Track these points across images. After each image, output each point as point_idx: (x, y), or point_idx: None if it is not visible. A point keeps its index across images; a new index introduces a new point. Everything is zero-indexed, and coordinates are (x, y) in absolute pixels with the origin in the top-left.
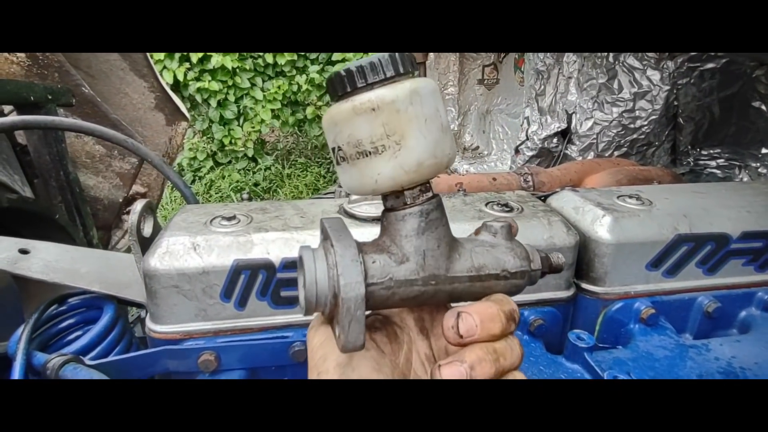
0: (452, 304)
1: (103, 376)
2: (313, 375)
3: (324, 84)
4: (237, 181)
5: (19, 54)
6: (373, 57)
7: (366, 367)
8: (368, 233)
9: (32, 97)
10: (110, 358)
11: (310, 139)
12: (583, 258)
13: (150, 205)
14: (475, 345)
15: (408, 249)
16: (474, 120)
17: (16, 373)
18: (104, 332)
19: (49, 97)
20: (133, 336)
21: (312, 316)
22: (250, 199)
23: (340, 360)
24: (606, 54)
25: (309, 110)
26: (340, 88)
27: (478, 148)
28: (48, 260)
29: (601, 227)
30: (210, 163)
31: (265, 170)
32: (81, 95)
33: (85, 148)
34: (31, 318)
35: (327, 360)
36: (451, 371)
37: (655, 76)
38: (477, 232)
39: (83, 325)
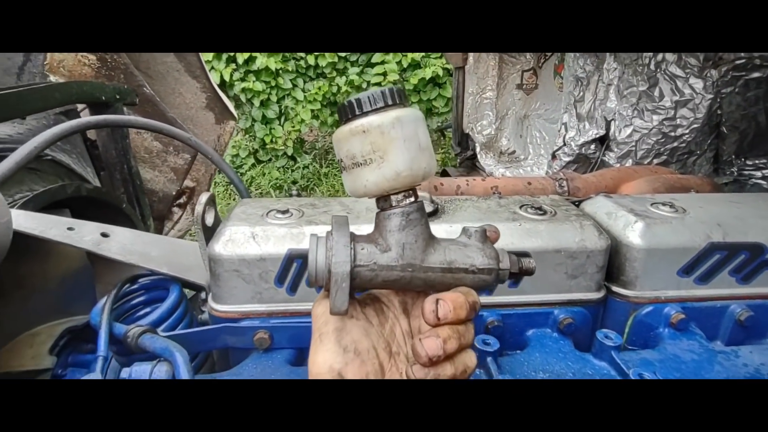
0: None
1: (178, 345)
2: (315, 336)
3: (362, 86)
4: (276, 179)
5: (90, 57)
6: (369, 91)
7: (357, 333)
8: None
9: (103, 97)
10: (179, 331)
11: None
12: (614, 262)
13: (213, 198)
14: (446, 325)
15: (391, 241)
16: (511, 124)
17: (102, 341)
18: (172, 309)
19: (117, 97)
20: (194, 316)
21: (315, 289)
22: (299, 195)
23: (337, 325)
24: (647, 62)
25: None
26: (343, 115)
27: (514, 152)
28: (124, 243)
29: (632, 232)
30: (251, 160)
31: (303, 168)
32: (142, 95)
33: (144, 144)
34: (111, 293)
35: (327, 324)
36: (429, 342)
37: (698, 84)
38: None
39: (151, 303)
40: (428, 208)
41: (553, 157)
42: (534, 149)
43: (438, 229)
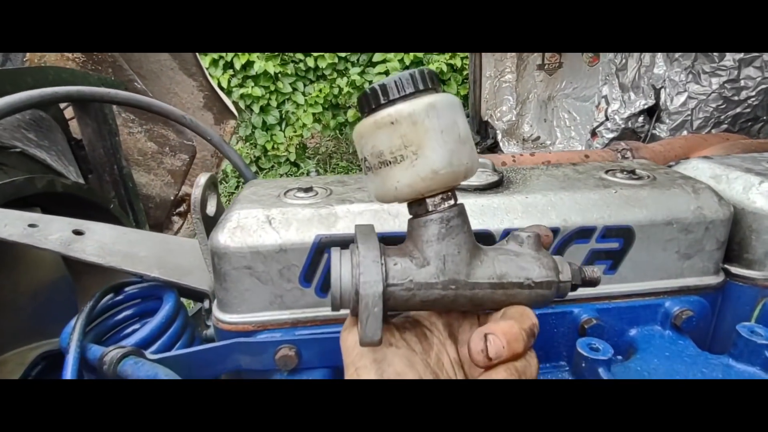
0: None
1: (170, 372)
2: (350, 371)
3: (364, 86)
4: None
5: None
6: (396, 75)
7: (399, 364)
8: (471, 203)
9: None
10: (174, 352)
11: (351, 142)
12: (733, 237)
13: (213, 179)
14: (500, 366)
15: (429, 254)
16: (533, 108)
17: (69, 368)
18: (165, 323)
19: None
20: (195, 330)
21: (339, 312)
22: (318, 174)
23: (376, 356)
24: None
25: (350, 113)
26: (366, 105)
27: (539, 138)
28: (104, 242)
29: (759, 196)
30: (253, 168)
31: (307, 174)
32: (134, 90)
33: (137, 146)
34: (86, 307)
35: (363, 357)
36: None
37: None
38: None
39: (141, 318)
40: (492, 178)
41: (593, 134)
42: (563, 132)
43: (512, 201)
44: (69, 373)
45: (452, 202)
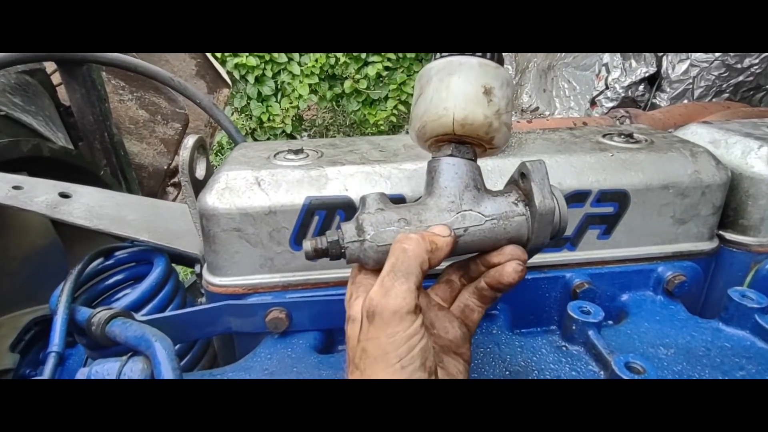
0: None
1: (157, 332)
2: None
3: (362, 56)
4: None
5: None
6: None
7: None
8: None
9: None
10: (164, 314)
11: (348, 114)
12: (729, 202)
13: (202, 141)
14: None
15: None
16: (533, 78)
17: (57, 328)
18: (156, 286)
19: None
20: (186, 294)
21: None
22: (310, 137)
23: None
24: None
25: (347, 84)
26: None
27: (537, 108)
28: (91, 205)
29: (758, 160)
30: (249, 140)
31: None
32: None
33: (129, 113)
34: (74, 269)
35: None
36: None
37: None
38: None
39: (133, 282)
40: None
41: (593, 104)
42: (562, 102)
43: (506, 163)
44: (57, 334)
45: None
